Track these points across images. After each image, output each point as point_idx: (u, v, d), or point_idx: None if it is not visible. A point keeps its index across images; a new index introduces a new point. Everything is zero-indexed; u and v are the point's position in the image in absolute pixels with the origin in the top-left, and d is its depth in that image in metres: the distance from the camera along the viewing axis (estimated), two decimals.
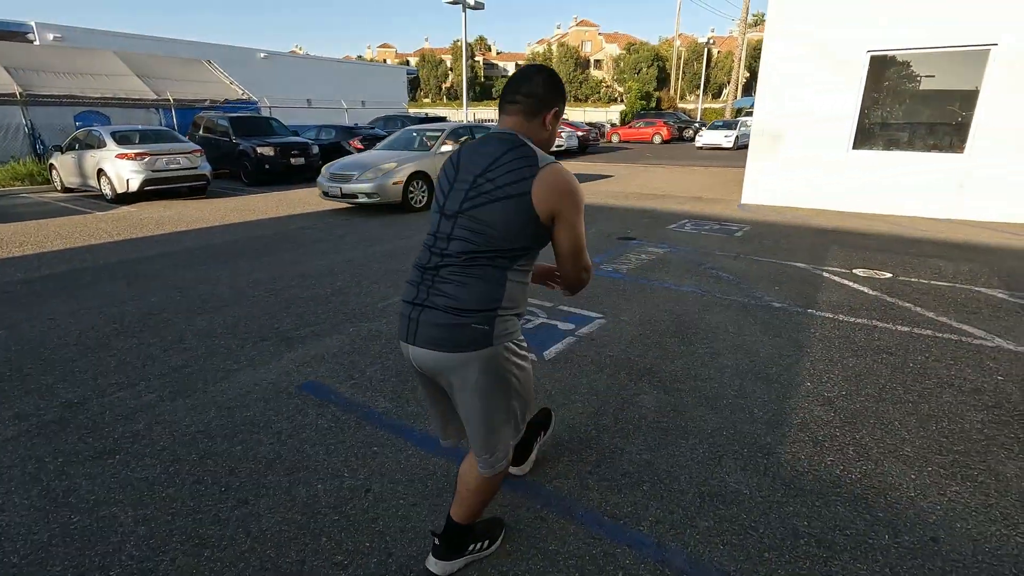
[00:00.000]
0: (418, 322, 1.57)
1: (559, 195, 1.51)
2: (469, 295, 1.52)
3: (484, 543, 1.93)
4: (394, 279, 5.23)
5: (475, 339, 1.53)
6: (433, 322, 1.54)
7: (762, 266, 5.60)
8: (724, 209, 9.26)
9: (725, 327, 3.98)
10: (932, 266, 5.59)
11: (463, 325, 1.52)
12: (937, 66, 8.16)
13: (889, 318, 4.13)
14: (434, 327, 1.54)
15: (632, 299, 4.59)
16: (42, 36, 21.36)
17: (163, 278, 5.41)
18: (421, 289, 1.59)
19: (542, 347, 3.62)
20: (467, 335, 1.52)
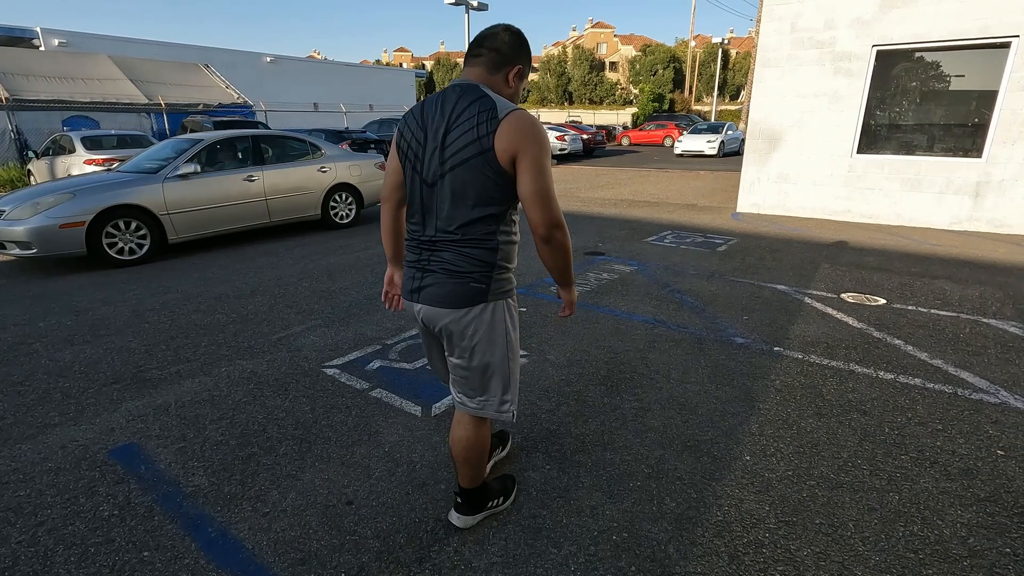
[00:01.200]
0: (422, 282, 1.71)
1: (519, 134, 1.50)
2: (466, 262, 1.63)
3: (500, 499, 2.11)
4: (314, 303, 4.65)
5: (474, 296, 1.66)
6: (435, 283, 1.68)
7: (736, 289, 4.90)
8: (715, 219, 8.53)
9: (667, 371, 3.30)
10: (936, 290, 4.82)
11: (462, 284, 1.65)
12: (951, 62, 7.34)
13: (871, 361, 3.41)
14: (436, 287, 1.68)
15: (570, 332, 3.94)
16: (47, 42, 21.38)
17: (71, 297, 4.91)
18: (423, 255, 1.70)
19: (433, 397, 3.00)
20: (466, 293, 1.65)
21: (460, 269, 1.63)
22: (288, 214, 7.50)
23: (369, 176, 8.42)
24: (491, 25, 1.66)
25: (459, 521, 2.01)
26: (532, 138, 1.50)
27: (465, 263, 1.63)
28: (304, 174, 7.61)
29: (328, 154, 7.98)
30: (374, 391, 3.07)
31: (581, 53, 67.25)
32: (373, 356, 3.53)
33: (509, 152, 1.50)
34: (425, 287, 1.69)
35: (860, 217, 8.14)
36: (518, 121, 1.51)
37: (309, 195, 7.66)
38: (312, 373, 3.29)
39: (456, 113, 1.55)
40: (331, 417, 2.80)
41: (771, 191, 8.85)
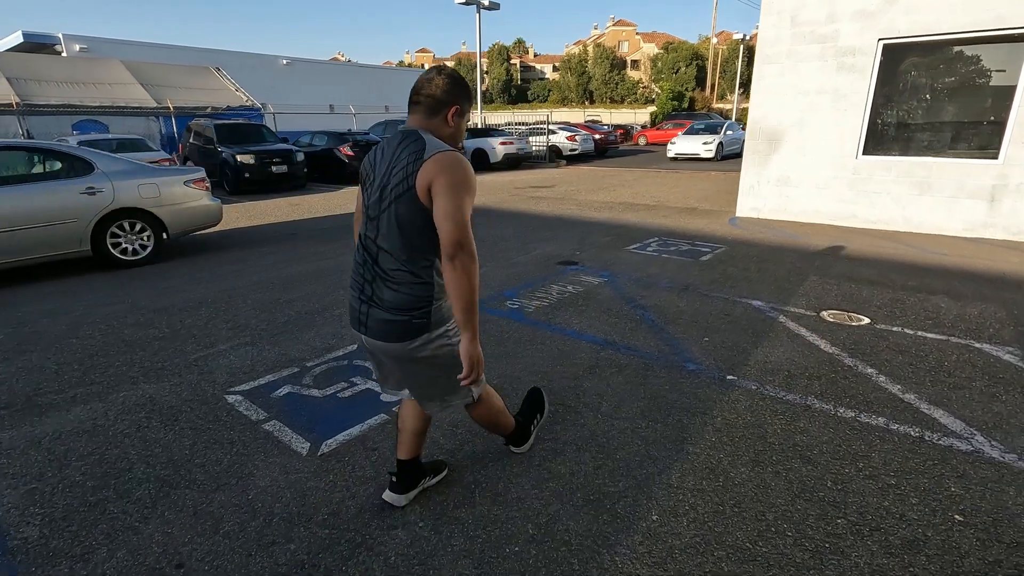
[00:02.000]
0: (367, 315, 1.82)
1: (436, 168, 1.62)
2: (405, 299, 1.75)
3: (430, 476, 2.29)
4: (252, 318, 4.43)
5: (415, 330, 1.77)
6: (378, 318, 1.79)
7: (707, 304, 4.51)
8: (710, 224, 8.09)
9: (598, 404, 2.97)
10: (930, 307, 4.36)
11: (404, 321, 1.76)
12: (963, 56, 6.78)
13: (833, 395, 3.02)
14: (380, 322, 1.79)
15: (506, 355, 3.63)
16: (68, 47, 21.89)
17: (18, 308, 4.79)
18: (366, 288, 1.82)
19: (327, 432, 2.72)
20: (408, 328, 1.77)
21: (400, 305, 1.76)
22: (20, 254, 5.46)
23: (174, 197, 6.45)
24: (427, 70, 1.80)
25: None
26: (444, 171, 1.63)
27: (404, 300, 1.75)
28: (51, 198, 5.61)
29: (103, 170, 5.96)
30: (268, 423, 2.81)
31: (602, 52, 66.49)
32: (286, 381, 3.28)
33: (425, 186, 1.64)
34: (370, 322, 1.82)
35: (865, 222, 7.62)
36: (438, 160, 1.64)
37: (64, 226, 5.67)
38: (212, 400, 3.05)
39: (396, 156, 1.72)
40: (208, 454, 2.55)
41: (771, 195, 8.37)
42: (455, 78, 1.78)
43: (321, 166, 15.11)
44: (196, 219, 6.82)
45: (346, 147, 14.95)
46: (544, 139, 20.90)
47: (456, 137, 1.82)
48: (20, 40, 21.77)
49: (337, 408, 2.95)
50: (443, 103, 1.76)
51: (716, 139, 19.50)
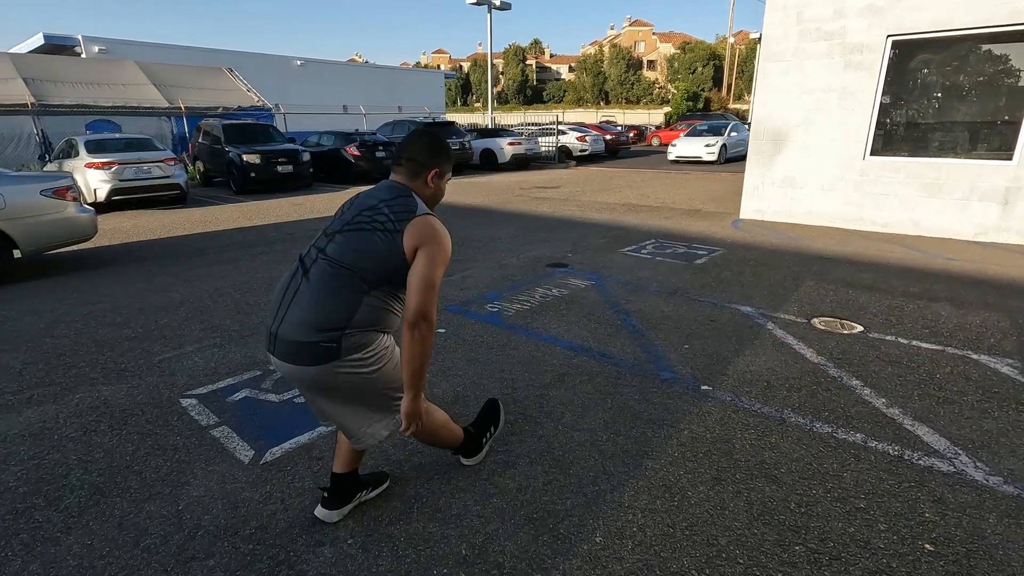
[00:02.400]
0: (276, 335, 1.78)
1: (423, 236, 1.74)
2: (321, 314, 1.73)
3: (369, 488, 2.19)
4: (227, 319, 4.38)
5: (322, 355, 1.73)
6: (288, 337, 1.75)
7: (694, 310, 4.35)
8: (712, 226, 7.88)
9: (561, 413, 2.84)
10: (930, 315, 4.15)
11: (312, 343, 1.72)
12: (976, 53, 6.50)
13: (812, 408, 2.85)
14: (289, 343, 1.75)
15: (476, 360, 3.51)
16: (88, 49, 22.29)
17: (7, 305, 4.79)
18: (282, 305, 1.80)
19: (274, 440, 2.63)
20: (316, 351, 1.73)
21: (313, 324, 1.73)
22: None
23: (26, 209, 5.56)
24: (411, 132, 1.94)
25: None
26: (433, 238, 1.75)
27: (317, 318, 1.73)
28: None
29: None
30: (217, 429, 2.73)
31: (618, 52, 66.08)
32: (245, 384, 3.20)
33: (412, 244, 1.73)
34: (279, 341, 1.77)
35: (873, 225, 7.35)
36: (426, 222, 1.76)
37: None
38: (166, 404, 2.98)
39: (384, 198, 1.82)
40: (149, 461, 2.47)
41: (776, 196, 8.13)
42: (435, 143, 1.91)
43: (328, 166, 15.13)
44: (58, 234, 5.88)
45: (352, 147, 14.95)
46: (554, 140, 20.74)
47: (436, 197, 1.95)
48: (41, 42, 22.21)
49: (291, 414, 2.86)
50: (424, 166, 1.87)
51: (719, 141, 18.34)
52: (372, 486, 2.21)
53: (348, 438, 1.97)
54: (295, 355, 1.74)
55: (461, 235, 7.47)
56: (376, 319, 1.79)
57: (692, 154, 18.53)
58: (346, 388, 1.81)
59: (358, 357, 1.76)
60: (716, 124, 20.28)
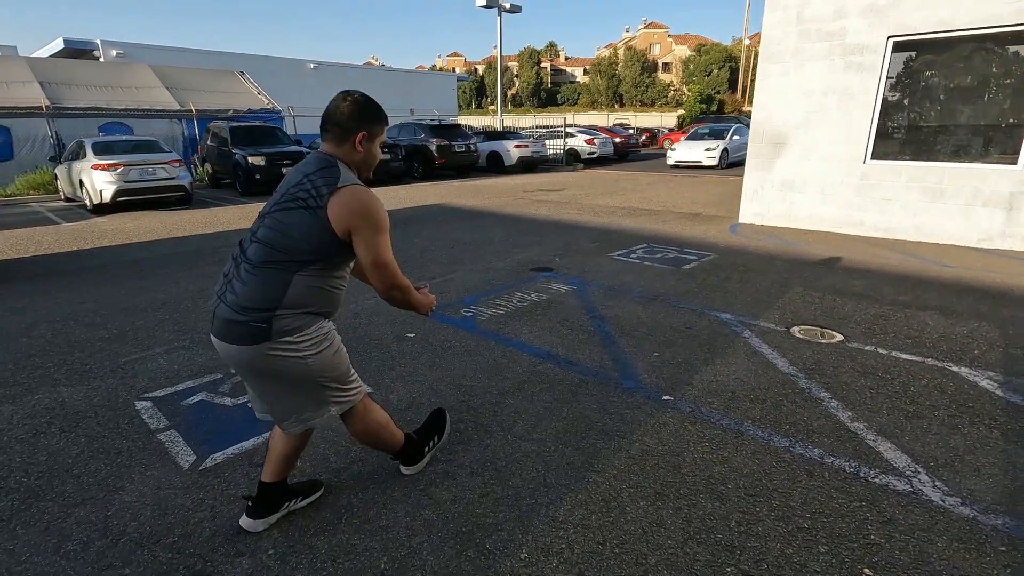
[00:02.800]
0: (215, 314, 1.79)
1: (351, 213, 1.70)
2: (251, 295, 1.73)
3: (299, 497, 2.15)
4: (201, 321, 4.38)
5: (252, 335, 1.72)
6: (223, 316, 1.76)
7: (672, 316, 4.25)
8: (709, 230, 7.75)
9: (513, 422, 2.77)
10: (915, 324, 4.01)
11: (243, 322, 1.72)
12: (980, 54, 6.31)
13: (773, 421, 2.75)
14: (223, 321, 1.76)
15: (438, 366, 3.46)
16: (106, 53, 22.74)
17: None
18: (223, 283, 1.81)
19: (219, 445, 2.60)
20: (245, 331, 1.72)
21: (246, 303, 1.72)
22: None
23: None
24: (335, 96, 1.83)
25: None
26: (364, 216, 1.71)
27: (249, 297, 1.72)
28: None
29: None
30: (165, 433, 2.71)
31: (633, 54, 65.78)
32: (204, 387, 3.19)
33: (341, 223, 1.70)
34: (216, 319, 1.79)
35: (874, 230, 7.17)
36: (351, 196, 1.71)
37: None
38: (120, 406, 2.98)
39: (305, 173, 1.78)
40: (90, 464, 2.47)
41: (775, 200, 7.98)
42: (361, 103, 1.81)
43: None
44: None
45: None
46: (562, 142, 20.66)
47: (367, 162, 1.88)
48: (61, 46, 22.73)
49: (242, 419, 2.84)
50: (349, 130, 1.80)
51: (720, 145, 17.62)
52: (303, 495, 2.17)
53: (276, 422, 1.96)
54: (228, 334, 1.75)
55: (453, 238, 7.45)
56: (310, 300, 1.77)
57: (692, 158, 17.88)
58: (279, 372, 1.78)
59: (289, 340, 1.74)
60: (718, 127, 19.72)
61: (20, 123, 14.91)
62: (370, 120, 1.83)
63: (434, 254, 6.49)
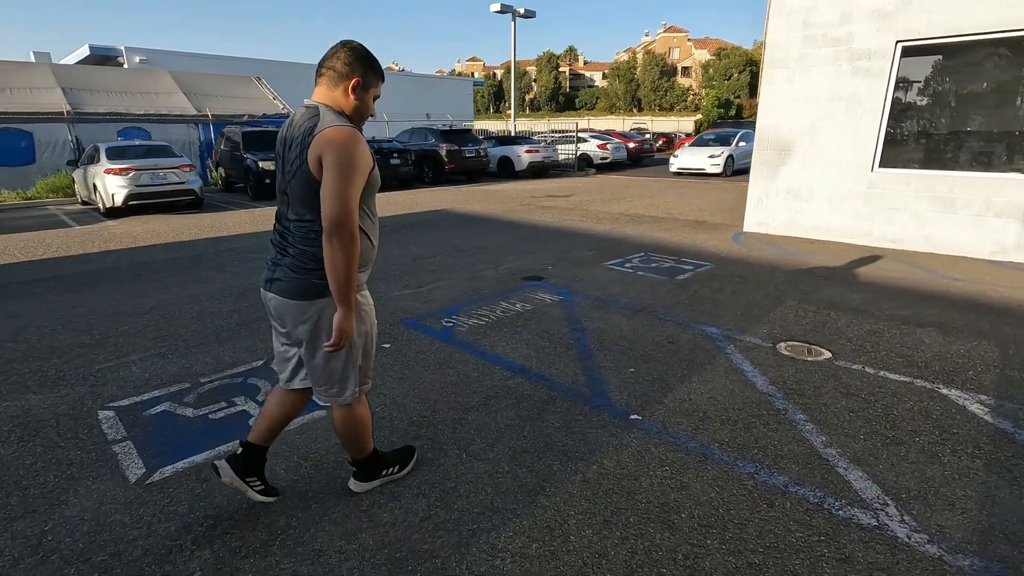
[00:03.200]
0: (273, 275, 1.90)
1: (325, 143, 1.67)
2: (307, 257, 1.82)
3: (395, 468, 2.33)
4: (183, 328, 4.39)
5: (315, 290, 1.83)
6: (282, 276, 1.87)
7: (656, 329, 4.14)
8: (711, 239, 7.59)
9: (471, 441, 2.70)
10: (910, 342, 3.84)
11: (305, 279, 1.83)
12: (992, 58, 6.08)
13: (741, 445, 2.64)
14: (283, 280, 1.87)
15: (407, 378, 3.40)
16: (130, 59, 23.32)
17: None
18: (278, 248, 1.91)
19: (171, 458, 2.57)
20: (308, 286, 1.83)
21: (303, 266, 1.83)
22: None
23: None
24: (333, 45, 1.83)
25: (355, 487, 2.28)
26: (332, 146, 1.67)
27: (307, 258, 1.82)
28: None
29: None
30: (120, 444, 2.70)
31: (652, 58, 65.41)
32: (169, 397, 3.17)
33: (315, 160, 1.69)
34: (275, 279, 1.90)
35: (881, 241, 6.95)
36: (327, 135, 1.68)
37: None
38: (83, 416, 2.98)
39: (296, 129, 1.78)
40: (40, 476, 2.45)
41: (780, 208, 7.78)
42: (359, 51, 1.81)
43: None
44: None
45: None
46: (574, 147, 20.56)
47: (361, 112, 1.85)
48: (87, 53, 23.34)
49: (201, 431, 2.81)
50: (343, 75, 1.79)
51: (725, 152, 16.89)
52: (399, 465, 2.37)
53: (313, 384, 2.03)
54: (287, 290, 1.86)
55: (450, 244, 7.41)
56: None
57: (694, 166, 17.18)
58: (328, 328, 1.85)
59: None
60: (725, 133, 19.07)
61: (42, 128, 15.30)
62: (365, 67, 1.81)
63: (427, 261, 6.46)
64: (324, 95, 1.80)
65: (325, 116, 1.73)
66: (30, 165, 15.22)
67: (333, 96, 1.80)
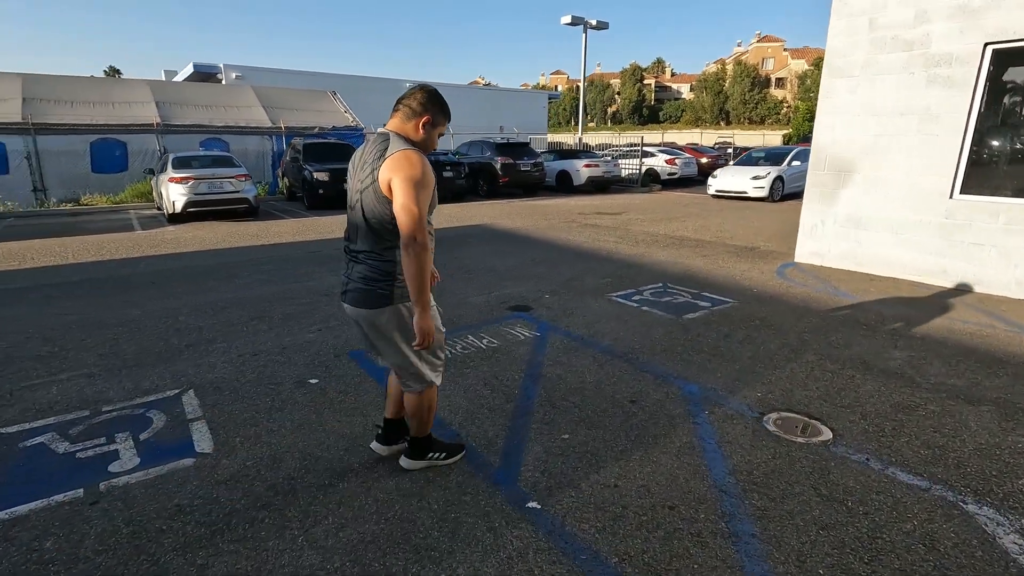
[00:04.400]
0: (346, 287, 2.23)
1: (395, 166, 1.96)
2: (372, 271, 2.13)
3: (442, 454, 2.58)
4: (136, 344, 4.29)
5: (380, 298, 2.14)
6: (353, 288, 2.19)
7: (628, 381, 3.50)
8: (752, 270, 6.69)
9: (322, 517, 2.25)
10: (950, 426, 2.95)
11: (370, 290, 2.14)
12: None
13: (647, 565, 2.00)
14: (354, 292, 2.19)
15: (307, 426, 3.01)
16: (227, 75, 25.26)
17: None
18: (348, 265, 2.24)
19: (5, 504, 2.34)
20: (374, 297, 2.14)
21: (368, 277, 2.13)
22: None
23: None
24: (412, 87, 2.15)
25: (406, 463, 2.54)
26: (401, 167, 1.94)
27: (371, 273, 2.12)
28: None
29: None
30: None
31: (742, 69, 62.27)
32: (56, 427, 2.98)
33: (386, 180, 1.96)
34: (348, 291, 2.21)
35: (960, 282, 5.77)
36: (396, 157, 1.96)
37: None
38: None
39: (368, 153, 2.07)
40: None
41: (838, 238, 6.74)
42: (433, 95, 2.13)
43: None
44: None
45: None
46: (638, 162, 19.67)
47: (425, 145, 2.13)
48: (191, 71, 25.54)
49: (60, 471, 2.58)
50: (417, 113, 2.09)
51: (773, 172, 14.34)
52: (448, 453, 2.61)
53: (397, 377, 2.38)
54: (358, 300, 2.16)
55: (459, 264, 7.03)
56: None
57: (735, 188, 14.77)
58: (396, 332, 2.17)
59: (409, 306, 2.11)
60: (777, 151, 16.82)
61: (135, 138, 16.70)
62: (436, 109, 2.12)
63: None
64: (397, 125, 2.10)
65: (395, 142, 2.02)
66: (123, 172, 16.67)
67: (405, 128, 2.09)
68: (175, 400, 3.30)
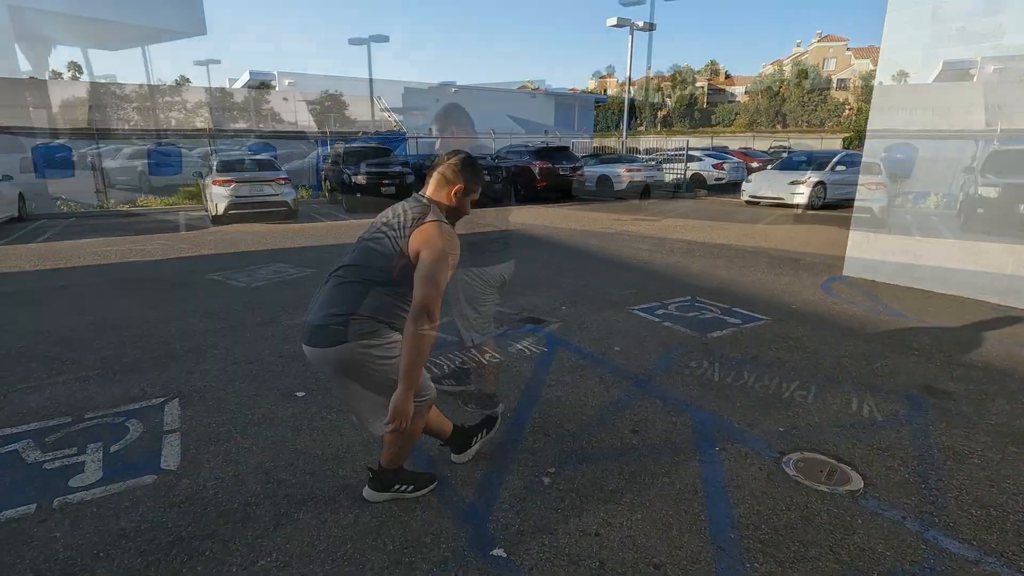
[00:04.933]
0: (306, 324, 2.11)
1: (424, 238, 1.97)
2: (331, 304, 2.05)
3: (409, 487, 2.37)
4: (131, 348, 4.28)
5: (333, 337, 2.00)
6: (310, 323, 2.08)
7: (632, 408, 3.18)
8: (794, 283, 6.17)
9: (265, 553, 2.06)
10: (1013, 480, 2.49)
11: (324, 326, 2.03)
12: None
13: None
14: (310, 327, 2.08)
15: (280, 445, 2.84)
16: (281, 83, 26.15)
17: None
18: (312, 303, 2.14)
19: None
20: (327, 334, 2.02)
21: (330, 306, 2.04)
22: None
23: None
24: (449, 152, 2.20)
25: (369, 495, 2.35)
26: (441, 239, 1.96)
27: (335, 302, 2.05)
28: None
29: None
30: None
31: (800, 71, 59.61)
32: (34, 434, 2.93)
33: (417, 243, 1.97)
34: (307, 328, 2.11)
35: None
36: (431, 227, 1.98)
37: None
38: None
39: (404, 214, 2.06)
40: None
41: (893, 250, 6.13)
42: (466, 162, 2.15)
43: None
44: None
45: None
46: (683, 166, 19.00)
47: (457, 213, 2.18)
48: (248, 78, 26.59)
49: (16, 484, 2.49)
50: (451, 181, 2.12)
51: (814, 178, 12.97)
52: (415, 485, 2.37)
53: (361, 424, 2.31)
54: (313, 337, 2.05)
55: None
56: (383, 309, 2.02)
57: (771, 194, 13.61)
58: (358, 372, 2.06)
59: (367, 343, 1.99)
60: (821, 154, 15.26)
61: (189, 143, 17.46)
62: (468, 178, 2.13)
63: None
64: (433, 192, 2.15)
65: (432, 211, 2.05)
66: (177, 175, 17.42)
67: (439, 195, 2.13)
68: (158, 409, 3.21)
